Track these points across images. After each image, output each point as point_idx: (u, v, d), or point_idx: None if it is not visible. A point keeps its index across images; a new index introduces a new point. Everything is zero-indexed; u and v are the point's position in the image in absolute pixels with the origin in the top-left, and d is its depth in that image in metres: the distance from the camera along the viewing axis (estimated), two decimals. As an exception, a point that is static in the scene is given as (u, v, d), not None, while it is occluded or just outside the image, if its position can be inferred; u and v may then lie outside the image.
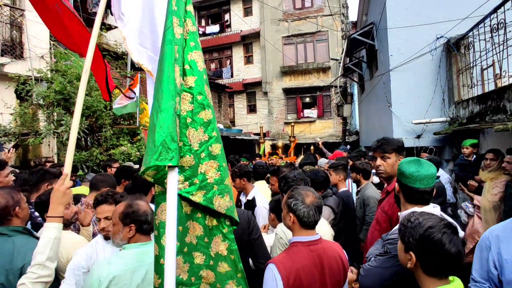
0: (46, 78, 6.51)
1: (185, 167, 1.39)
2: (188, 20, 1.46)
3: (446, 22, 5.77)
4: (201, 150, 1.42)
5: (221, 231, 1.49)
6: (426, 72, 6.14)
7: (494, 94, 4.27)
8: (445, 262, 1.24)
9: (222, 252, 1.48)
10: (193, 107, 1.43)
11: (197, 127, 1.43)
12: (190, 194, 1.38)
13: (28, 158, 7.07)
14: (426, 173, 1.66)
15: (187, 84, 1.43)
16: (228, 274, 1.47)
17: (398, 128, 6.30)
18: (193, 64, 1.45)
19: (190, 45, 1.46)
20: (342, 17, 16.17)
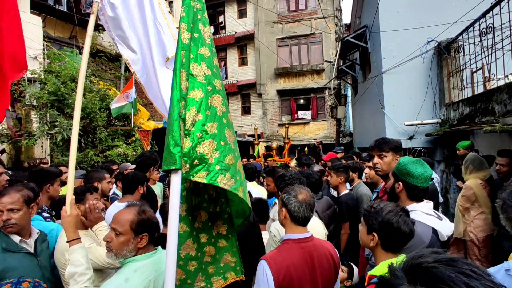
0: (40, 79, 6.47)
1: (230, 165, 1.43)
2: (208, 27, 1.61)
3: (437, 26, 5.90)
4: (235, 149, 1.49)
5: (223, 217, 1.71)
6: (418, 74, 6.26)
7: (483, 97, 4.38)
8: (400, 239, 1.47)
9: (222, 232, 1.72)
10: (225, 109, 1.53)
11: (230, 127, 1.53)
12: (236, 190, 1.44)
13: (21, 159, 7.01)
14: (430, 173, 1.83)
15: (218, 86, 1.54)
16: (225, 248, 1.71)
17: (391, 130, 6.40)
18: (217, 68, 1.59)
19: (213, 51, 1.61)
20: (336, 20, 16.33)
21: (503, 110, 3.82)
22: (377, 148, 2.32)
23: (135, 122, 6.49)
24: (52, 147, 6.89)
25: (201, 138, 1.40)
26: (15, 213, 1.91)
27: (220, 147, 1.42)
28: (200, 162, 1.39)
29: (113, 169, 4.67)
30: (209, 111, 1.45)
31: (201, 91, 1.45)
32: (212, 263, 1.66)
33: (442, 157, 6.02)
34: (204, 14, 1.61)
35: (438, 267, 0.51)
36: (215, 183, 1.38)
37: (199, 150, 1.39)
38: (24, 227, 1.96)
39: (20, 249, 1.92)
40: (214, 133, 1.43)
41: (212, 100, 1.47)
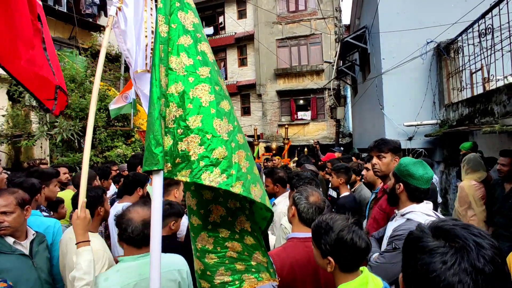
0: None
1: (219, 159, 1.32)
2: (190, 12, 1.46)
3: (437, 27, 5.91)
4: (230, 140, 1.37)
5: (244, 213, 1.57)
6: (417, 75, 6.27)
7: (482, 97, 4.39)
8: (358, 256, 1.35)
9: (247, 228, 1.57)
10: (214, 97, 1.39)
11: (222, 117, 1.39)
12: (230, 186, 1.31)
13: (20, 160, 7.00)
14: (431, 175, 1.83)
15: (203, 75, 1.40)
16: (254, 246, 1.57)
17: (390, 130, 6.40)
18: (204, 55, 1.44)
19: (197, 37, 1.46)
20: (336, 21, 16.35)
21: (502, 111, 3.83)
22: (376, 149, 2.33)
23: (134, 122, 6.49)
24: (52, 147, 6.89)
25: (182, 134, 1.32)
26: (8, 216, 1.90)
27: (205, 141, 1.32)
28: (182, 160, 1.31)
29: (113, 170, 4.68)
30: (191, 103, 1.34)
31: (180, 84, 1.36)
32: (239, 259, 1.53)
33: (442, 157, 6.02)
34: (185, 0, 1.48)
35: (455, 228, 0.73)
36: (198, 181, 1.29)
37: (180, 148, 1.31)
38: (18, 229, 1.96)
39: (14, 251, 1.92)
40: (197, 127, 1.32)
41: (195, 91, 1.36)
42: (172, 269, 1.68)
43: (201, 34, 1.49)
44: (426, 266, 0.70)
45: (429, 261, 0.69)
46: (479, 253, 0.67)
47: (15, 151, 6.95)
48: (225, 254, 1.52)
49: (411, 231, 0.80)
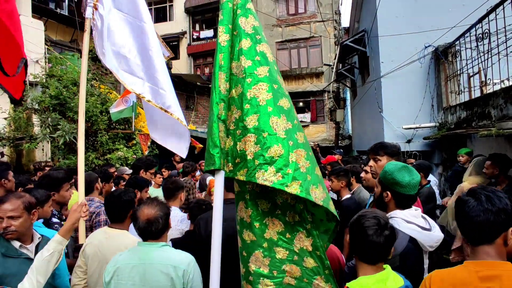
0: (42, 83, 6.53)
1: (274, 157, 1.28)
2: (250, 17, 1.53)
3: (435, 31, 5.98)
4: (288, 138, 1.33)
5: (305, 227, 1.44)
6: (416, 78, 6.34)
7: (480, 101, 4.45)
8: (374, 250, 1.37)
9: (307, 248, 1.43)
10: (272, 95, 1.38)
11: (279, 114, 1.36)
12: (284, 185, 1.26)
13: (22, 162, 7.04)
14: (418, 179, 1.78)
15: (261, 74, 1.40)
16: (315, 270, 1.42)
17: (389, 133, 6.46)
18: (263, 55, 1.46)
19: (256, 38, 1.50)
20: (335, 24, 16.45)
21: (499, 114, 3.88)
22: (373, 152, 2.37)
23: (135, 125, 6.54)
24: (53, 150, 6.93)
25: (240, 134, 1.34)
26: (15, 220, 1.91)
27: (261, 139, 1.30)
28: (241, 159, 1.33)
29: (111, 173, 4.72)
30: (249, 103, 1.35)
31: (240, 86, 1.39)
32: (297, 287, 1.40)
33: (440, 160, 6.08)
34: (247, 5, 1.55)
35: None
36: (253, 179, 1.28)
37: (239, 148, 1.33)
38: (24, 233, 1.98)
39: (20, 255, 1.94)
40: (254, 126, 1.32)
41: (253, 90, 1.37)
42: (167, 263, 1.75)
43: (261, 36, 1.51)
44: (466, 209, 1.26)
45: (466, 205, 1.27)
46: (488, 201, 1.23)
47: (17, 154, 6.99)
48: (282, 280, 1.40)
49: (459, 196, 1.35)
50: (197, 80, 14.86)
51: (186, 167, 5.29)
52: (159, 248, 1.80)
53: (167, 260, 1.76)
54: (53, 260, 1.81)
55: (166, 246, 1.86)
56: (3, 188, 2.72)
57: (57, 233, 1.90)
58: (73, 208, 1.93)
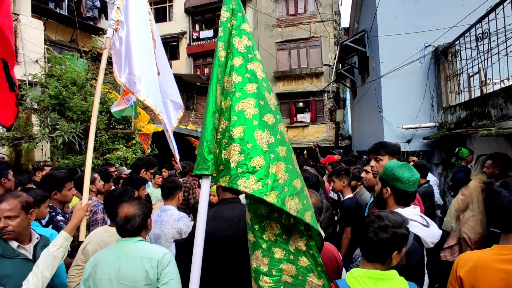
0: (41, 83, 6.52)
1: (256, 167, 1.39)
2: (244, 37, 1.65)
3: (434, 30, 5.98)
4: (270, 151, 1.44)
5: (299, 229, 1.55)
6: (416, 78, 6.33)
7: (479, 101, 4.45)
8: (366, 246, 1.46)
9: (301, 248, 1.54)
10: (258, 111, 1.50)
11: (264, 129, 1.47)
12: (263, 194, 1.36)
13: (21, 162, 7.04)
14: (417, 177, 1.83)
15: (249, 90, 1.53)
16: (308, 268, 1.53)
17: (389, 133, 6.45)
18: (253, 73, 1.59)
19: (248, 57, 1.63)
20: (335, 24, 16.45)
21: (499, 114, 3.88)
22: (374, 152, 2.38)
23: (135, 125, 6.53)
24: (52, 150, 6.92)
25: (226, 144, 1.45)
26: (13, 220, 1.89)
27: (245, 149, 1.41)
28: (225, 167, 1.43)
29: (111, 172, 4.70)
30: (236, 116, 1.47)
31: (229, 100, 1.51)
32: (294, 285, 1.51)
33: (440, 160, 6.07)
34: (242, 26, 1.68)
35: None
36: (234, 186, 1.38)
37: (224, 156, 1.44)
38: (22, 233, 1.96)
39: (17, 255, 1.92)
40: (239, 137, 1.43)
41: (241, 104, 1.50)
42: (142, 256, 1.80)
43: (253, 55, 1.65)
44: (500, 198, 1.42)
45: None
46: None
47: (16, 154, 6.98)
48: (280, 278, 1.51)
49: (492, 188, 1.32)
50: (197, 80, 14.87)
51: (184, 167, 5.28)
52: (135, 242, 1.85)
53: (141, 253, 1.81)
54: (59, 256, 1.84)
55: (142, 241, 1.89)
56: (3, 188, 2.71)
57: (63, 230, 1.93)
58: (77, 206, 1.96)
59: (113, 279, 1.75)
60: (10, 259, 1.89)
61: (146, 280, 1.74)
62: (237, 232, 2.19)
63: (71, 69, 6.89)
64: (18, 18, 7.28)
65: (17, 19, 7.26)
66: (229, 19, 1.68)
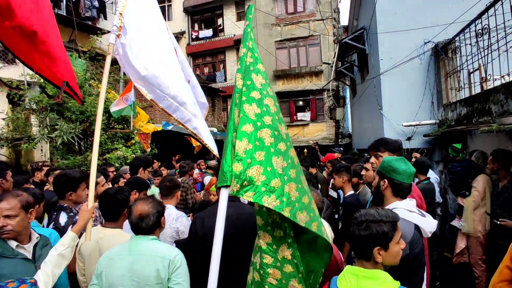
0: (39, 83, 6.50)
1: (275, 187, 1.64)
2: (259, 75, 1.95)
3: (434, 27, 5.95)
4: (284, 174, 1.70)
5: (287, 241, 1.83)
6: (416, 75, 6.30)
7: (480, 97, 4.42)
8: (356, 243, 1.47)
9: (287, 257, 1.82)
10: (273, 140, 1.77)
11: (278, 155, 1.75)
12: (281, 209, 1.62)
13: (21, 163, 7.03)
14: (413, 171, 1.90)
15: (267, 122, 1.81)
16: (291, 274, 1.79)
17: (389, 131, 6.43)
18: (267, 107, 1.87)
19: (263, 93, 1.90)
20: (334, 22, 16.41)
21: (499, 110, 3.85)
22: (374, 148, 2.39)
23: (134, 125, 6.51)
24: (52, 150, 6.91)
25: (250, 163, 1.66)
26: (12, 219, 1.88)
27: (266, 172, 1.66)
28: (249, 183, 1.64)
29: (110, 172, 4.69)
30: (258, 142, 1.72)
31: (251, 126, 1.74)
32: (277, 287, 1.78)
33: (441, 157, 6.05)
34: (257, 66, 1.96)
35: None
36: (260, 202, 1.61)
37: (248, 174, 1.64)
38: (21, 232, 1.94)
39: (16, 255, 1.90)
40: (261, 160, 1.68)
41: (261, 133, 1.75)
42: (154, 254, 1.84)
43: (266, 92, 1.93)
44: None
45: None
46: None
47: (16, 154, 6.98)
48: (266, 278, 1.80)
49: None
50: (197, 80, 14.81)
51: (183, 167, 5.26)
52: (148, 241, 1.89)
53: (154, 252, 1.85)
54: (67, 255, 1.88)
55: (156, 240, 1.93)
56: (0, 188, 2.68)
57: (70, 230, 1.97)
58: (83, 208, 2.00)
59: (125, 275, 1.79)
60: (9, 258, 1.87)
61: (157, 278, 1.79)
62: (234, 230, 2.18)
63: (70, 69, 6.87)
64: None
65: (15, 19, 7.24)
66: (246, 54, 1.97)
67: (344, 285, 1.39)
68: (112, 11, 12.44)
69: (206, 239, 2.15)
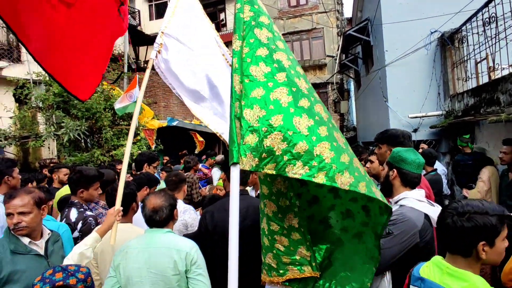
0: (45, 81, 6.54)
1: (301, 153, 1.43)
2: (264, 29, 1.73)
3: (440, 16, 5.85)
4: (311, 134, 1.48)
5: (293, 210, 1.78)
6: (421, 66, 6.23)
7: (488, 87, 4.36)
8: (449, 236, 1.35)
9: (294, 225, 1.78)
10: (292, 98, 1.55)
11: (301, 114, 1.51)
12: (312, 177, 1.42)
13: (29, 160, 7.11)
14: (422, 161, 1.91)
15: (280, 79, 1.59)
16: (299, 241, 1.77)
17: (395, 123, 6.38)
18: (279, 62, 1.66)
19: (272, 48, 1.70)
20: (337, 14, 16.25)
21: (508, 100, 3.80)
22: (379, 140, 2.42)
23: (139, 121, 6.54)
24: (59, 148, 6.98)
25: (266, 132, 1.47)
26: (26, 216, 1.91)
27: (287, 137, 1.45)
28: (268, 154, 1.46)
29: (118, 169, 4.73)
30: (273, 105, 1.51)
31: (261, 89, 1.55)
32: (285, 253, 1.77)
33: (448, 149, 6.00)
34: (259, 19, 1.75)
35: None
36: (283, 173, 1.44)
37: (265, 144, 1.46)
38: (34, 229, 1.97)
39: (29, 251, 1.93)
40: (280, 125, 1.47)
41: (275, 93, 1.54)
42: (171, 247, 1.86)
43: (276, 46, 1.72)
44: None
45: None
46: None
47: (24, 152, 7.06)
48: (274, 244, 1.79)
49: None
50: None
51: (188, 162, 5.28)
52: (164, 234, 1.92)
53: (170, 244, 1.87)
54: (88, 254, 1.93)
55: (171, 232, 1.96)
56: (7, 186, 2.64)
57: (94, 231, 2.03)
58: (109, 212, 2.06)
59: (143, 267, 1.81)
60: (23, 255, 1.91)
61: (174, 270, 1.81)
62: (243, 223, 2.19)
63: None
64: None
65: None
66: (241, 9, 1.78)
67: (427, 275, 1.29)
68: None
69: (216, 233, 2.16)
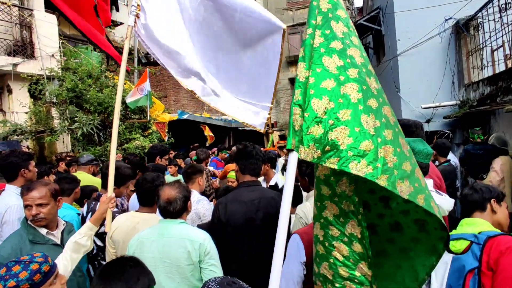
0: (58, 76, 6.65)
1: (366, 151, 1.39)
2: (340, 22, 1.69)
3: (455, 3, 5.69)
4: (377, 135, 1.43)
5: (356, 217, 1.59)
6: (435, 55, 6.09)
7: (504, 75, 4.24)
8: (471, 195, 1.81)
9: (357, 234, 1.57)
10: (362, 95, 1.50)
11: (369, 113, 1.47)
12: (375, 177, 1.36)
13: (45, 155, 7.29)
14: (431, 152, 1.97)
15: (352, 75, 1.55)
16: (360, 255, 1.56)
17: (407, 113, 6.28)
18: (352, 58, 1.61)
19: (346, 43, 1.64)
20: (347, 3, 15.92)
21: (526, 88, 3.70)
22: None
23: (151, 114, 6.61)
24: (73, 142, 7.12)
25: (333, 125, 1.43)
26: (44, 208, 1.97)
27: (353, 133, 1.41)
28: (332, 148, 1.40)
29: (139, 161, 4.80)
30: (342, 99, 1.47)
31: (333, 81, 1.50)
32: (343, 264, 1.57)
33: (461, 139, 5.88)
34: (336, 12, 1.70)
35: None
36: (346, 169, 1.37)
37: (330, 137, 1.41)
38: (51, 219, 2.05)
39: (47, 241, 2.00)
40: (347, 120, 1.43)
41: (346, 88, 1.50)
42: (184, 237, 1.89)
43: (350, 41, 1.67)
44: None
45: None
46: None
47: (40, 147, 7.23)
48: (331, 251, 1.58)
49: None
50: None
51: (200, 154, 5.32)
52: (178, 224, 1.95)
53: (184, 235, 1.90)
54: (83, 242, 1.93)
55: (184, 223, 1.99)
56: (24, 178, 2.67)
57: (88, 220, 2.02)
58: (102, 199, 2.05)
59: (157, 257, 1.85)
60: (41, 245, 1.98)
61: (188, 260, 1.84)
62: (256, 214, 2.21)
63: (86, 62, 6.99)
64: (32, 13, 7.40)
65: (31, 14, 7.39)
66: (318, 5, 1.72)
67: (453, 232, 1.74)
68: (124, 3, 12.47)
69: (229, 224, 2.19)
